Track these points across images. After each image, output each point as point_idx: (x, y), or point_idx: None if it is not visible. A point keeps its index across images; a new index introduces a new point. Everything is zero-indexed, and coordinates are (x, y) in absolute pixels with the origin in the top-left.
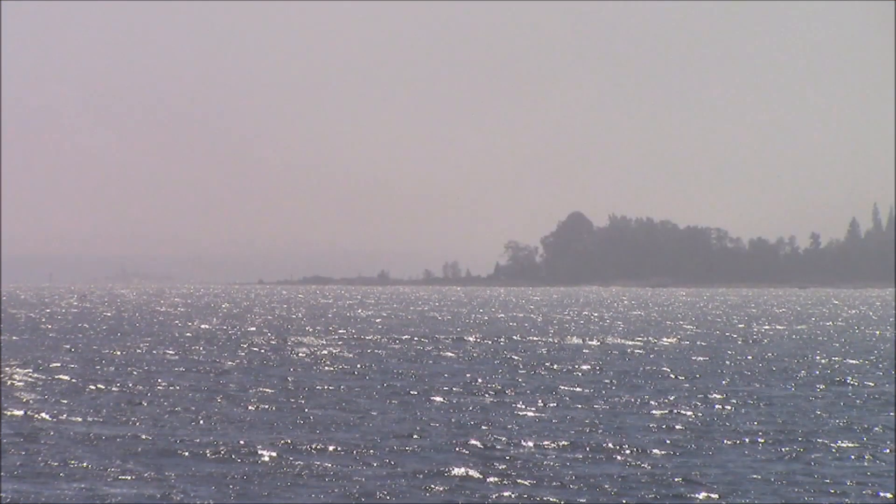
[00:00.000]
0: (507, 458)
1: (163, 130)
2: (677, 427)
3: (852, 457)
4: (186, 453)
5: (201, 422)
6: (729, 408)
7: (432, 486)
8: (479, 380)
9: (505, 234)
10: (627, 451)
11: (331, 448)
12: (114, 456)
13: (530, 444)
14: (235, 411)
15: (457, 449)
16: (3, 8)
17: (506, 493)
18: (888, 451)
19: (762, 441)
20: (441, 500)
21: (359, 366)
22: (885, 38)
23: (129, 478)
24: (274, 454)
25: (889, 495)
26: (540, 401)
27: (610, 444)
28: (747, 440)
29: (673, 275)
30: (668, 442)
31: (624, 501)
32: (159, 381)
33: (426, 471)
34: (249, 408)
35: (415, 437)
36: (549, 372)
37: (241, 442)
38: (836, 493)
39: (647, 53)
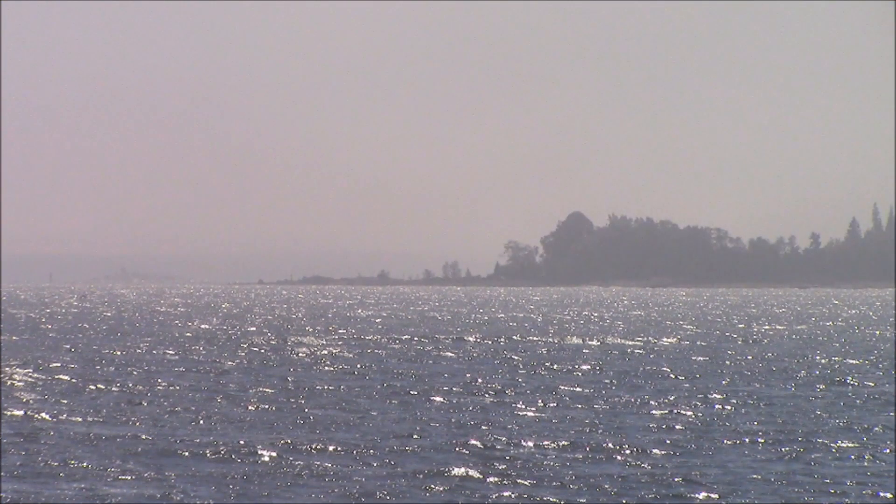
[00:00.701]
0: (507, 458)
1: (163, 130)
2: (677, 427)
3: (852, 457)
4: (186, 453)
5: (201, 422)
6: (729, 408)
7: (432, 486)
8: (479, 380)
9: (505, 234)
10: (627, 451)
11: (331, 448)
12: (114, 456)
13: (530, 444)
14: (235, 411)
15: (457, 449)
16: (3, 8)
17: (506, 493)
18: (888, 451)
19: (762, 441)
20: (441, 500)
21: (359, 366)
22: (885, 38)
23: (129, 478)
24: (274, 454)
25: (889, 495)
26: (540, 401)
27: (610, 444)
28: (747, 440)
29: (673, 275)
30: (668, 442)
31: (624, 501)
32: (159, 381)
33: (426, 471)
34: (249, 408)
35: (415, 437)
36: (549, 372)
37: (241, 442)
38: (836, 493)
39: (647, 53)
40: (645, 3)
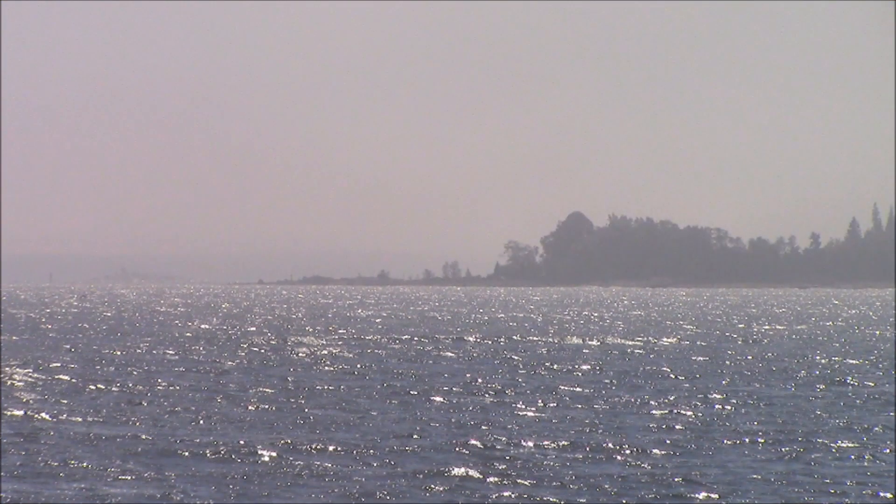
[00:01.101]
0: (507, 458)
1: (163, 130)
2: (677, 427)
3: (852, 457)
4: (186, 453)
5: (201, 422)
6: (729, 408)
7: (432, 486)
8: (479, 380)
9: (505, 234)
10: (627, 451)
11: (331, 448)
12: (114, 456)
13: (530, 444)
14: (235, 411)
15: (457, 449)
16: (3, 8)
17: (506, 493)
18: (888, 451)
19: (762, 441)
20: (441, 500)
21: (359, 366)
22: (885, 38)
23: (129, 478)
24: (274, 454)
25: (889, 495)
26: (540, 401)
27: (610, 444)
28: (747, 440)
29: (673, 275)
30: (668, 442)
31: (624, 501)
32: (159, 381)
33: (426, 471)
34: (249, 408)
35: (415, 437)
36: (549, 372)
37: (241, 442)
38: (836, 493)
39: (647, 53)
40: (645, 3)
